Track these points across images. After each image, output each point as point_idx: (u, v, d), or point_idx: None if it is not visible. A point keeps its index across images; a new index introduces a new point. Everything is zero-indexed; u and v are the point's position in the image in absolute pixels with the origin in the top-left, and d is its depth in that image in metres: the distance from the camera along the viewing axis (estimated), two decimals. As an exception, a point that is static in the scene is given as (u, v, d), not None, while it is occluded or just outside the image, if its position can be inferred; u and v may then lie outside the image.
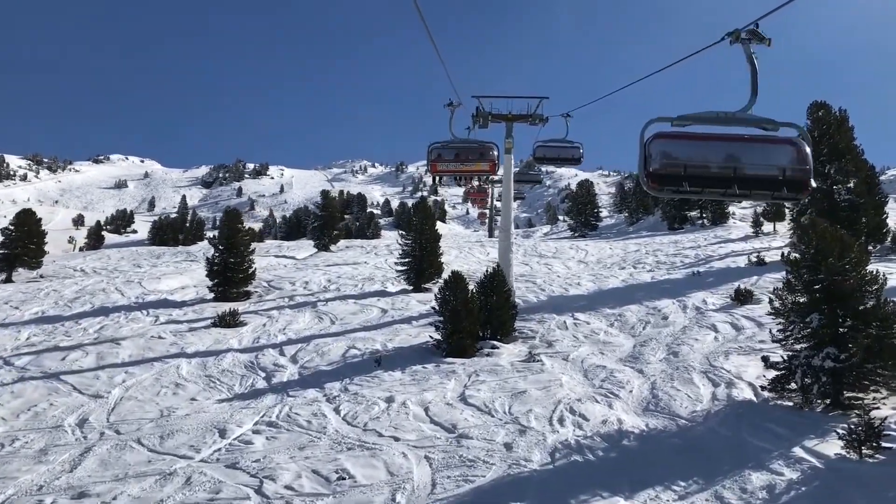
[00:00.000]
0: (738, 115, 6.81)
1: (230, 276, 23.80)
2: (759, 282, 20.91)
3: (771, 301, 11.95)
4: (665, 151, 6.67)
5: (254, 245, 26.19)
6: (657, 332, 16.69)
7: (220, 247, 23.89)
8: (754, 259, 24.42)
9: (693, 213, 47.23)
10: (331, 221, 42.00)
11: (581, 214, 53.36)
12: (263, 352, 16.30)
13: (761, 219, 36.38)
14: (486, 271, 17.09)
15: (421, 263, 23.22)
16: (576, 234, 52.56)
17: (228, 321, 18.41)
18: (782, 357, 11.44)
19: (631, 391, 12.42)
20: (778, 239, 33.77)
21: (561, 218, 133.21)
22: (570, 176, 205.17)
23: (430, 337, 15.93)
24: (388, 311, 20.21)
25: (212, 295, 23.68)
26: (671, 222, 46.91)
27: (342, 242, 45.85)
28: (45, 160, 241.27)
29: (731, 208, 46.15)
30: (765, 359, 12.11)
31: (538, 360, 14.59)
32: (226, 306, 20.82)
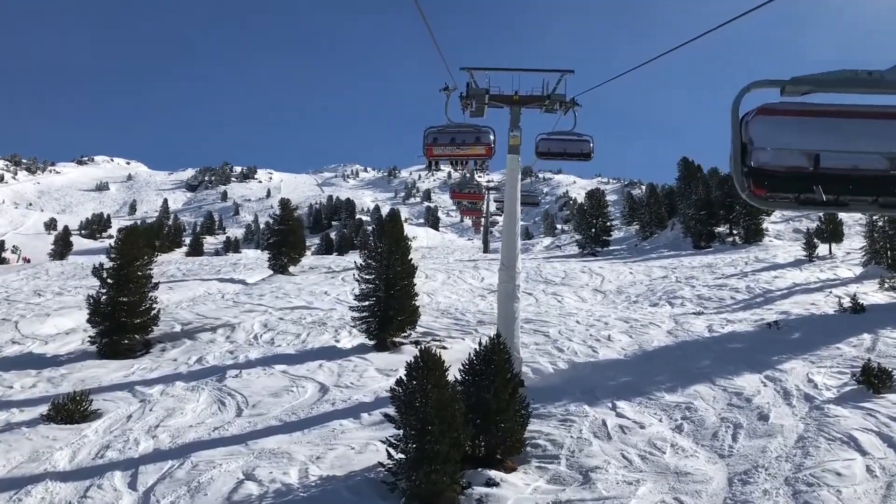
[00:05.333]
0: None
1: (123, 321, 17.09)
2: (877, 345, 14.34)
3: None
4: (779, 135, 3.32)
5: (222, 257, 19.37)
6: (759, 448, 10.07)
7: (109, 280, 17.15)
8: (847, 303, 17.79)
9: (721, 229, 40.71)
10: (291, 237, 34.89)
11: (591, 229, 46.35)
12: (102, 479, 9.64)
13: (815, 239, 29.78)
14: (480, 345, 10.45)
15: (386, 309, 16.28)
16: (584, 252, 45.75)
17: (71, 413, 11.66)
18: None
19: None
20: (841, 265, 27.25)
21: (559, 227, 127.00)
22: (568, 183, 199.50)
23: (381, 464, 9.26)
24: (330, 389, 13.39)
25: (95, 347, 16.99)
26: (697, 239, 40.28)
27: (306, 261, 38.90)
28: (24, 161, 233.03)
29: (764, 224, 39.66)
30: None
31: (570, 524, 7.98)
32: (102, 375, 14.16)
